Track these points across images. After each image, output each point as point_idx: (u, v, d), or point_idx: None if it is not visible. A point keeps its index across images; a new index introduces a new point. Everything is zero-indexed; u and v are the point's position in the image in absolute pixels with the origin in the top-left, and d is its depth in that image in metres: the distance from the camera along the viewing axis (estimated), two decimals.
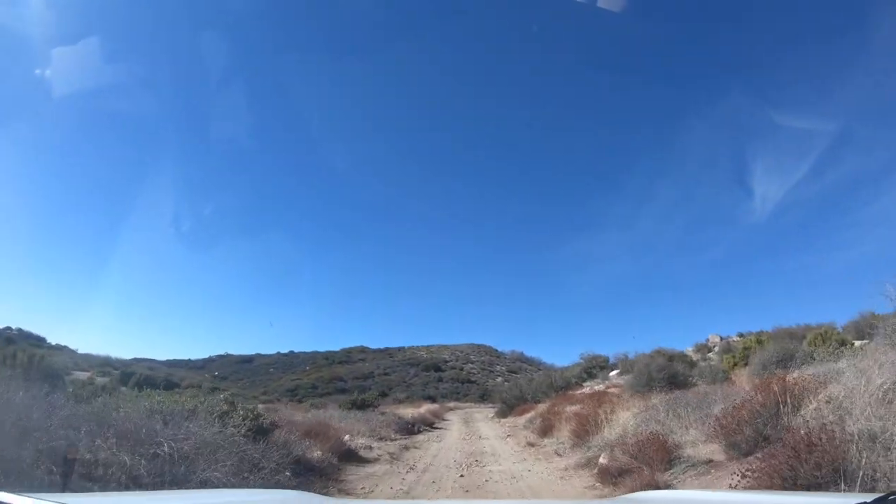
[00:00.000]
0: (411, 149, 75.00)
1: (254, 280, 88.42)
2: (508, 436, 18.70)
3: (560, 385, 25.53)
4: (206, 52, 47.72)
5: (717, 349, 25.37)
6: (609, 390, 19.26)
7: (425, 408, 29.84)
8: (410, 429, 20.96)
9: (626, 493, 5.50)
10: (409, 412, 25.03)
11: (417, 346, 72.15)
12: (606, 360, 25.84)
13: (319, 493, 7.19)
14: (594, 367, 24.88)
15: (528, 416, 21.68)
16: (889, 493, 1.74)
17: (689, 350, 26.68)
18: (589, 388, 23.49)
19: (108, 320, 65.24)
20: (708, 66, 53.80)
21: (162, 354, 74.22)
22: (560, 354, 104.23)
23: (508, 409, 26.75)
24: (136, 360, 60.98)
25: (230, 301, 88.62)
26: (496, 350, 71.29)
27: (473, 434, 20.14)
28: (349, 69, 57.75)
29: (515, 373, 63.00)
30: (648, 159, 66.83)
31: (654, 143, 65.11)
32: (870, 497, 1.72)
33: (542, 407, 21.47)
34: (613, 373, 24.72)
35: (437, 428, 24.04)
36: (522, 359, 68.85)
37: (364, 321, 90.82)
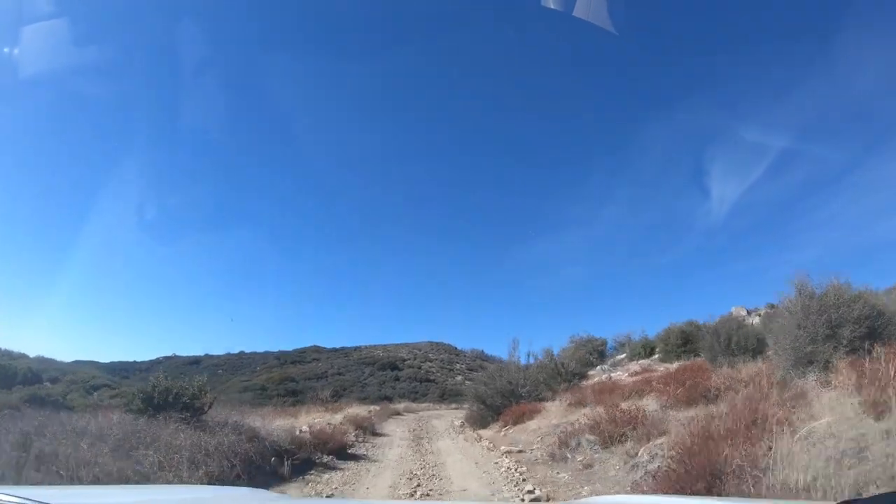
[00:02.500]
0: (370, 145, 69.36)
1: (206, 278, 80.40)
2: (523, 479, 8.95)
3: (573, 373, 18.82)
4: (182, 39, 43.23)
5: None
6: (646, 374, 13.98)
7: (349, 412, 19.95)
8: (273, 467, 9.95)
9: None
10: (320, 418, 17.28)
11: (374, 346, 67.49)
12: (604, 343, 20.38)
13: None
14: (591, 353, 19.30)
15: (539, 425, 13.20)
16: (844, 501, 1.55)
17: None
18: (599, 375, 18.06)
19: (51, 319, 56.99)
20: (667, 68, 51.29)
21: (106, 356, 65.38)
22: (520, 354, 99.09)
23: (490, 412, 17.70)
24: (78, 363, 54.76)
25: (180, 300, 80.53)
26: (456, 348, 67.46)
27: (430, 474, 10.15)
28: (314, 65, 51.52)
29: (476, 371, 59.57)
30: (606, 161, 63.87)
31: (612, 143, 61.97)
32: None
33: (557, 407, 14.28)
34: (621, 356, 19.58)
35: (353, 458, 12.66)
36: (483, 357, 64.27)
37: (320, 321, 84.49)
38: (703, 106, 47.85)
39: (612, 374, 18.48)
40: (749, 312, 22.47)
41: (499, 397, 17.72)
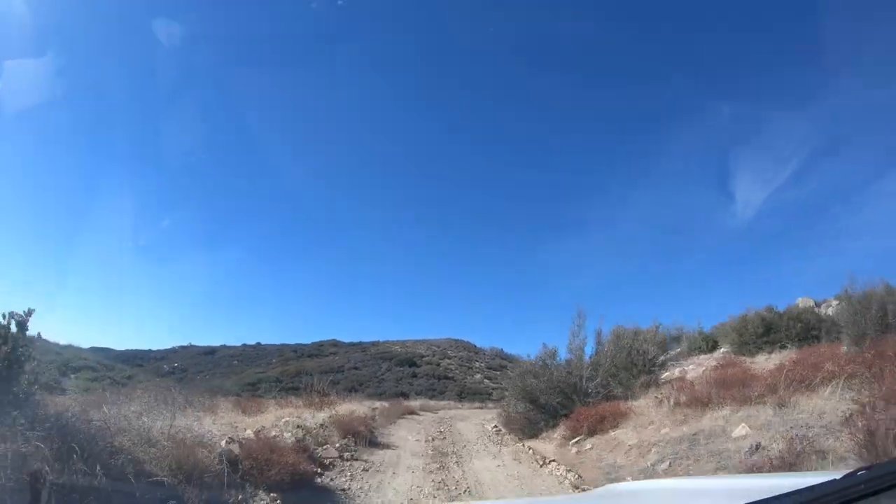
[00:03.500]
0: (396, 143, 66.83)
1: (226, 269, 78.12)
2: None
3: (653, 363, 13.71)
4: (160, 66, 43.37)
5: None
6: (738, 367, 10.27)
7: (343, 409, 14.49)
8: None
9: None
10: (293, 416, 11.75)
11: (392, 341, 64.80)
12: (660, 332, 16.37)
13: None
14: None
15: (636, 438, 8.87)
16: (858, 469, 1.60)
17: None
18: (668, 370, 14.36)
19: (74, 306, 55.17)
20: (691, 70, 48.81)
21: (121, 344, 63.73)
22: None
23: (543, 415, 13.10)
24: (94, 350, 51.89)
25: (199, 290, 78.29)
26: (475, 346, 64.51)
27: None
28: (303, 80, 50.13)
29: (496, 370, 55.49)
30: (630, 161, 61.63)
31: (635, 146, 59.48)
32: (839, 474, 1.56)
33: (652, 409, 10.00)
34: (674, 350, 16.16)
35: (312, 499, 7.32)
36: (502, 356, 60.62)
37: (339, 315, 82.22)
38: (731, 107, 46.25)
39: (685, 369, 14.64)
40: (817, 304, 19.45)
41: (557, 394, 12.83)
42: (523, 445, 11.89)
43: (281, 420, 10.89)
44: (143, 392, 8.64)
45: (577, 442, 10.11)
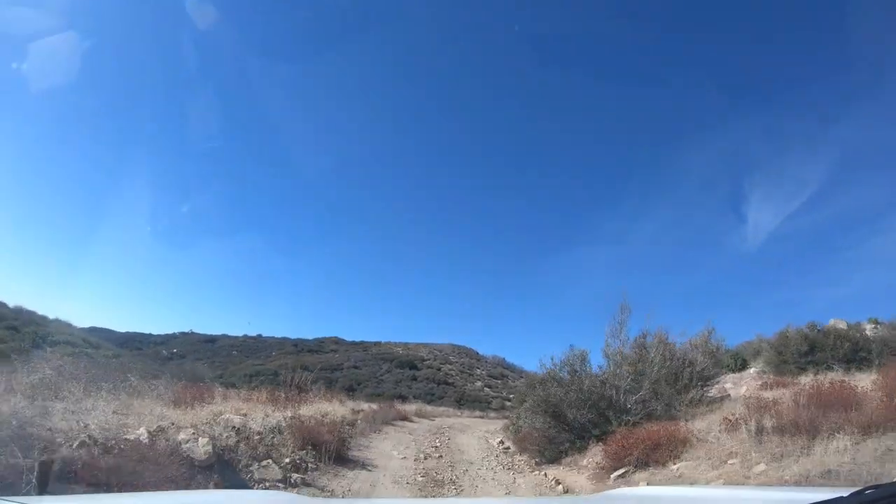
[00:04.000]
0: (406, 145, 65.41)
1: (233, 259, 76.54)
2: None
3: (704, 377, 11.06)
4: (184, 50, 44.36)
5: None
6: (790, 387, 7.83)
7: (316, 409, 12.16)
8: None
9: None
10: (235, 414, 8.82)
11: (394, 343, 63.58)
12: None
13: None
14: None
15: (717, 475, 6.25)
16: (866, 487, 1.54)
17: None
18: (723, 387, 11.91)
19: (75, 285, 54.22)
20: (712, 88, 47.66)
21: (122, 325, 63.41)
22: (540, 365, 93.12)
23: (568, 434, 10.51)
24: (93, 330, 52.00)
25: (205, 278, 76.69)
26: (477, 353, 62.45)
27: None
28: (326, 69, 48.36)
29: (497, 378, 55.05)
30: (644, 177, 60.22)
31: (651, 161, 58.15)
32: (846, 491, 1.50)
33: (721, 435, 7.37)
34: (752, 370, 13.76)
35: None
36: (504, 365, 60.30)
37: (342, 313, 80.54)
38: (747, 131, 45.14)
39: (724, 387, 12.32)
40: (850, 326, 17.79)
41: (588, 409, 10.15)
42: (545, 475, 9.17)
43: (219, 417, 8.09)
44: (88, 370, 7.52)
45: (622, 475, 7.43)
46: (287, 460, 7.75)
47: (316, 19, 50.26)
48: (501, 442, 13.41)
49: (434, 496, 7.58)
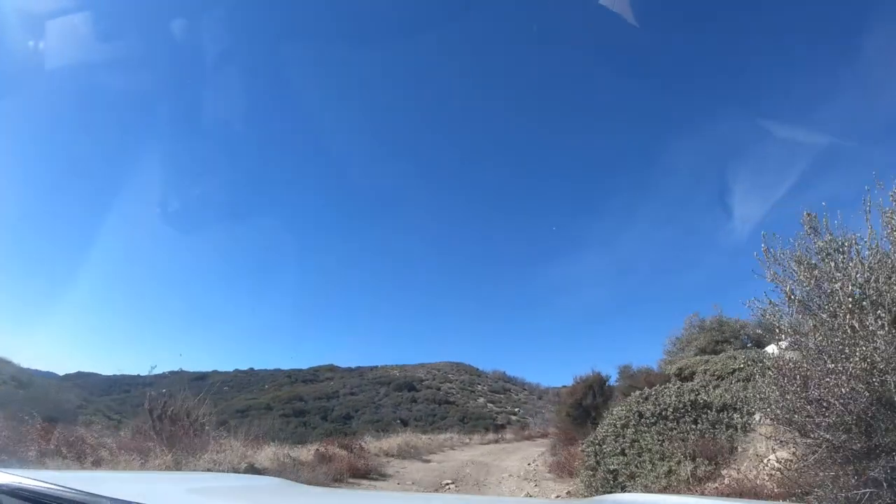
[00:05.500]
0: (390, 164, 63.05)
1: (220, 292, 73.09)
2: None
3: None
4: (203, 31, 39.71)
5: None
6: None
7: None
8: None
9: None
10: None
11: (391, 366, 60.81)
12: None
13: None
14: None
15: None
16: None
17: None
18: None
19: (56, 329, 51.16)
20: (690, 82, 46.00)
21: (108, 369, 60.35)
22: (543, 375, 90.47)
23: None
24: (79, 375, 52.11)
25: (191, 314, 73.12)
26: (477, 369, 59.90)
27: None
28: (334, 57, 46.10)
29: (499, 393, 53.03)
30: (629, 177, 58.06)
31: (635, 161, 56.02)
32: None
33: None
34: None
35: None
36: (505, 378, 58.05)
37: (336, 340, 76.91)
38: (729, 120, 43.28)
39: None
40: None
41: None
42: None
43: None
44: None
45: None
46: None
47: (351, 13, 48.32)
48: None
49: None
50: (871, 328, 3.50)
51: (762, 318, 4.75)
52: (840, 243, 4.21)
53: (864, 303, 3.68)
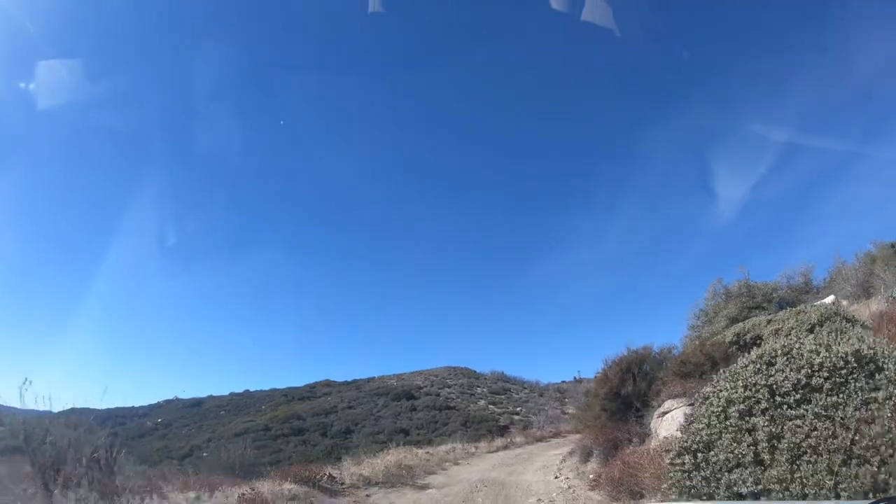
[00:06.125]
0: (376, 172, 62.27)
1: (211, 317, 71.02)
2: None
3: None
4: (194, 68, 42.55)
5: None
6: None
7: None
8: None
9: None
10: None
11: (388, 376, 59.61)
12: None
13: None
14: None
15: None
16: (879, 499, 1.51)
17: None
18: None
19: (54, 366, 48.89)
20: (664, 69, 46.69)
21: (104, 403, 55.90)
22: (542, 372, 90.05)
23: None
24: (73, 411, 47.49)
25: (183, 341, 71.23)
26: (475, 372, 58.86)
27: None
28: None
29: (500, 394, 51.49)
30: (612, 169, 58.38)
31: (617, 153, 56.42)
32: None
33: None
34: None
35: None
36: (504, 379, 57.01)
37: (331, 355, 75.36)
38: (704, 104, 43.55)
39: None
40: None
41: None
42: None
43: None
44: None
45: None
46: None
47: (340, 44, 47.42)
48: None
49: None
50: None
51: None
52: None
53: None
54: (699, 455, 5.04)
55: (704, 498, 4.65)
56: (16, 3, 28.18)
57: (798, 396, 4.75)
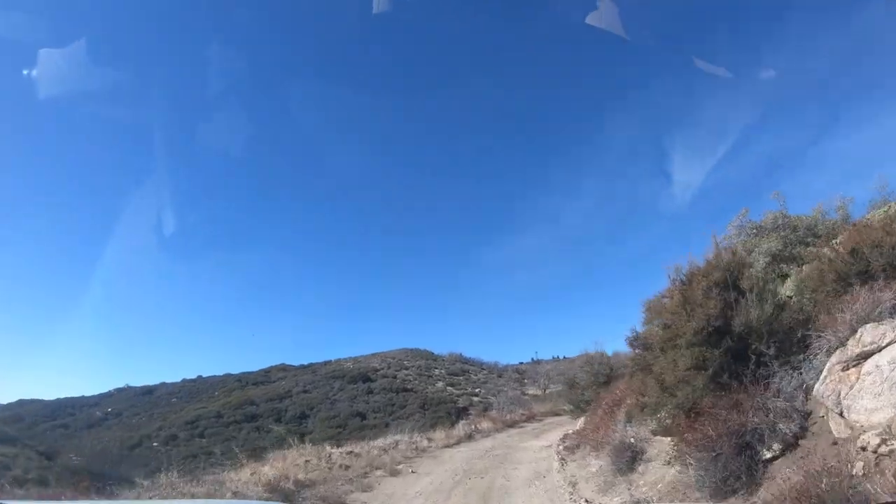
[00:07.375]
0: (340, 154, 59.85)
1: (163, 304, 67.24)
2: None
3: None
4: (201, 61, 41.96)
5: None
6: None
7: None
8: None
9: None
10: None
11: (344, 359, 57.76)
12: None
13: None
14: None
15: None
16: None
17: None
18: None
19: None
20: (626, 54, 46.00)
21: (52, 393, 58.35)
22: (500, 353, 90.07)
23: None
24: (21, 402, 46.86)
25: (132, 328, 67.07)
26: (433, 353, 57.68)
27: None
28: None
29: (458, 375, 50.50)
30: (573, 152, 57.62)
31: (576, 136, 55.77)
32: None
33: None
34: None
35: None
36: (462, 360, 56.10)
37: (287, 339, 72.47)
38: (664, 89, 43.58)
39: None
40: None
41: None
42: None
43: None
44: None
45: None
46: None
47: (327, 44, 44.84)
48: None
49: None
50: None
51: None
52: None
53: None
54: None
55: None
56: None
57: None
